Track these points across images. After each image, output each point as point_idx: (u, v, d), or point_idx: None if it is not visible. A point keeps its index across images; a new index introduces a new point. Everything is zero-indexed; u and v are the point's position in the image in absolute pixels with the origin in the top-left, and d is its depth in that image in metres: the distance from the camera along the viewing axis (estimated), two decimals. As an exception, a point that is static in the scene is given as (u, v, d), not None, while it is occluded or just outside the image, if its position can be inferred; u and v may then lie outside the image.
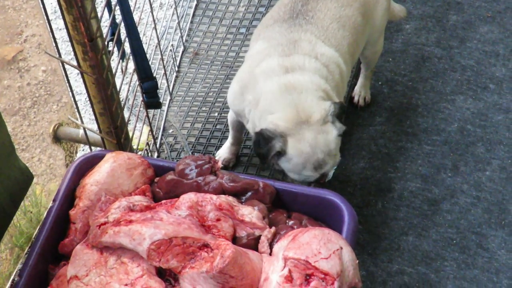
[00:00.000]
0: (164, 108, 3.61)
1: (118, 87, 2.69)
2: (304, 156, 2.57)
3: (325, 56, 2.74)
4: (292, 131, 2.56)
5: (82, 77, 2.51)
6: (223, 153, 3.33)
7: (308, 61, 2.70)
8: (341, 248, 2.05)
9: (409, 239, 3.04)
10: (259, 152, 2.65)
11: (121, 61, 2.83)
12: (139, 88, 2.90)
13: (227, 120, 3.53)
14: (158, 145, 3.43)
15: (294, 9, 2.84)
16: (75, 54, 2.41)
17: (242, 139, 3.34)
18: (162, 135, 3.51)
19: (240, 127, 3.16)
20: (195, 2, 4.16)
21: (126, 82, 3.48)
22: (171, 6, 4.00)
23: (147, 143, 3.29)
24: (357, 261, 2.10)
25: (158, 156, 3.38)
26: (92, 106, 2.61)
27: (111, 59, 2.64)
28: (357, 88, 3.56)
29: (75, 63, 2.45)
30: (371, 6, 3.01)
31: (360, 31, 2.96)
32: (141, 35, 2.85)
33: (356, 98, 3.55)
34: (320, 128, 2.56)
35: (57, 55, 2.53)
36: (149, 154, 3.29)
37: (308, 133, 2.56)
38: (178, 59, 3.90)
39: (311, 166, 2.59)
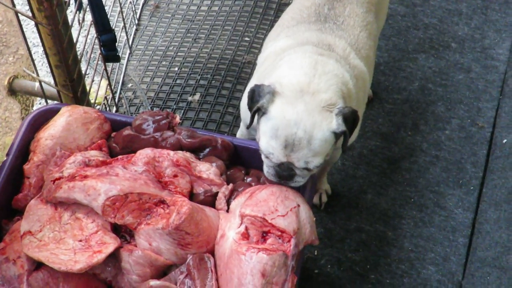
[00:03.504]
0: (123, 62, 3.55)
1: (75, 39, 2.63)
2: (283, 122, 2.10)
3: (356, 69, 2.43)
4: (288, 93, 2.14)
5: (37, 28, 2.44)
6: None
7: (343, 62, 2.37)
8: (298, 205, 2.04)
9: (368, 197, 3.05)
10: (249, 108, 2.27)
11: (78, 12, 2.76)
12: (97, 41, 2.83)
13: (187, 74, 3.49)
14: (116, 100, 3.38)
15: (320, 12, 2.55)
16: (30, 5, 2.34)
17: None
18: (121, 89, 3.45)
19: None
20: (156, -46, 4.07)
21: (84, 35, 3.40)
22: (132, -43, 3.91)
23: (105, 98, 3.23)
24: (314, 218, 2.09)
25: (116, 111, 3.32)
26: (47, 59, 2.54)
27: (68, 10, 2.57)
28: None
29: (30, 13, 2.38)
30: (381, 5, 2.83)
31: (376, 36, 2.78)
32: (99, -14, 2.78)
33: None
34: (317, 108, 2.12)
35: (12, 5, 2.45)
36: (108, 108, 3.24)
37: (302, 103, 2.12)
38: (138, 12, 3.83)
39: (282, 139, 2.10)
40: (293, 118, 2.10)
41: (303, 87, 2.15)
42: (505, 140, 3.22)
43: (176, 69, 3.54)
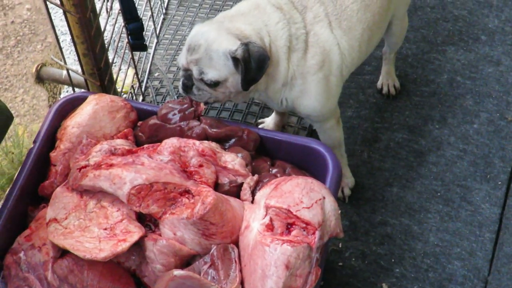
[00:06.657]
0: (150, 51, 3.55)
1: (102, 28, 2.63)
2: (194, 32, 2.40)
3: (316, 37, 2.47)
4: (214, 19, 2.43)
5: (65, 16, 2.45)
6: (266, 124, 3.12)
7: (298, 26, 2.45)
8: (324, 197, 2.03)
9: (394, 190, 3.03)
10: None
11: (105, 1, 2.77)
12: (124, 30, 2.84)
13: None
14: (143, 89, 3.38)
15: None
16: (58, -7, 2.35)
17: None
18: (147, 78, 3.45)
19: None
20: None
21: (111, 24, 3.40)
22: None
23: (132, 86, 3.24)
24: (340, 211, 2.08)
25: (143, 100, 3.33)
26: (75, 47, 2.55)
27: (96, -2, 2.57)
28: (382, 78, 3.32)
29: (58, 1, 2.39)
30: None
31: (384, 11, 2.68)
32: (127, -25, 2.78)
33: (385, 89, 3.33)
34: (228, 31, 2.35)
35: (40, -7, 2.46)
36: (134, 97, 3.25)
37: (217, 24, 2.38)
38: (166, 1, 3.82)
39: (188, 43, 2.38)
40: (202, 31, 2.37)
41: (227, 16, 2.43)
42: (534, 135, 3.18)
43: (203, 58, 3.54)
